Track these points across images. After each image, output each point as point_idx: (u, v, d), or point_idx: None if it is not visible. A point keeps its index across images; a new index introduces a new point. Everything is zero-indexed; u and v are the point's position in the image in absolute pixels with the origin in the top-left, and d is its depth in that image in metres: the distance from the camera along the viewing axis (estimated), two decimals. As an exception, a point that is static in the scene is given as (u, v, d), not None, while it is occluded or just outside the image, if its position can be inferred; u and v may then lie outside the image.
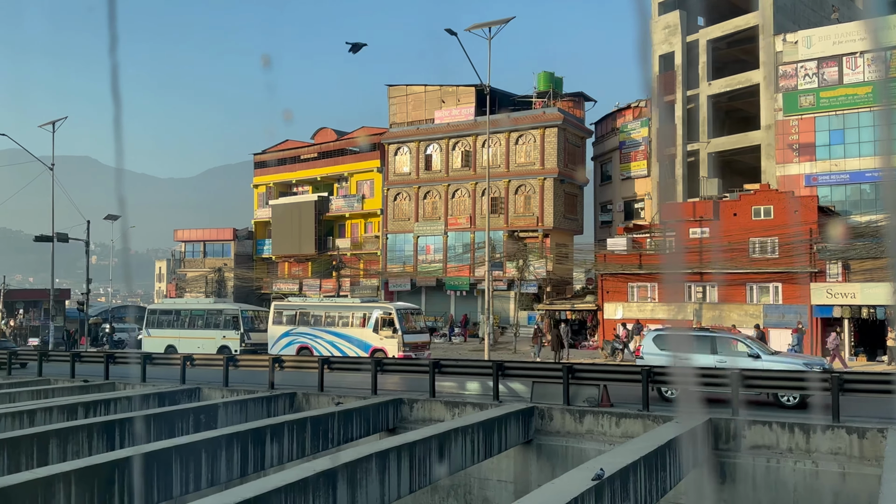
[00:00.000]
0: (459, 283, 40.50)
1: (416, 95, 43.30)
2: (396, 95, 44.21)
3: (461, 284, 40.42)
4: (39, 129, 37.08)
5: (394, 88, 44.40)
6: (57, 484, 9.41)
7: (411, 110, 43.50)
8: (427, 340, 25.34)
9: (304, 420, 14.01)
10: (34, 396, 19.38)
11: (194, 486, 11.62)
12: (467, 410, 15.83)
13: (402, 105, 43.89)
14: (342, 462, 9.76)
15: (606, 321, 30.68)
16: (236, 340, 27.14)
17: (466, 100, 41.52)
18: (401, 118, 44.14)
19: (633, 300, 30.59)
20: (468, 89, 41.68)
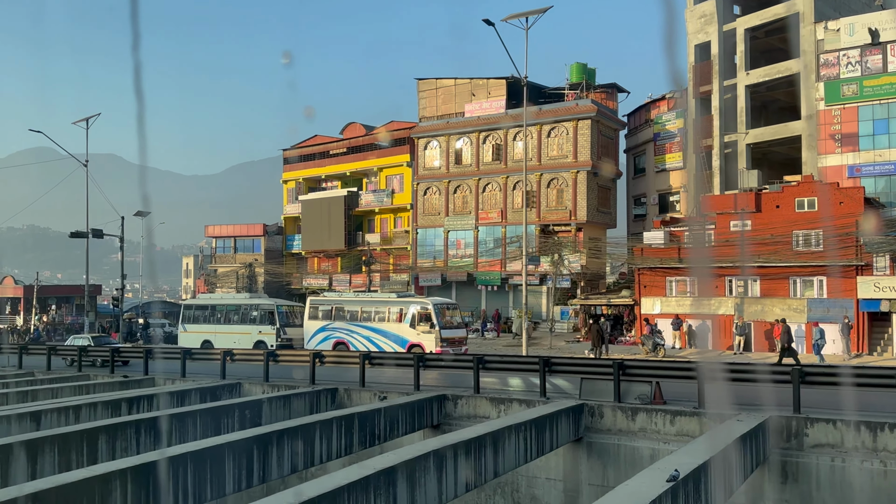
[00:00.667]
0: (490, 277, 40.13)
1: (446, 89, 42.93)
2: (426, 89, 43.90)
3: (492, 279, 40.04)
4: (64, 127, 37.46)
5: (423, 82, 44.08)
6: (113, 481, 9.30)
7: (441, 104, 43.16)
8: (464, 336, 25.07)
9: (352, 416, 13.82)
10: (76, 392, 19.44)
11: (246, 482, 11.48)
12: (514, 407, 15.52)
13: (431, 99, 43.56)
14: (402, 460, 9.51)
15: (643, 316, 30.11)
16: (272, 335, 27.11)
17: (497, 92, 41.05)
18: (430, 112, 43.83)
19: (672, 295, 29.99)
20: (499, 82, 41.20)
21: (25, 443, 11.36)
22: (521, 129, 39.86)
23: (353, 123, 49.05)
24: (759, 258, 27.33)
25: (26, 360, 26.09)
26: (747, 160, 36.15)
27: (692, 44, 38.83)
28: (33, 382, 21.75)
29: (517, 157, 39.98)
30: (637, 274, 30.55)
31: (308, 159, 50.52)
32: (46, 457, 11.66)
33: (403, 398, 15.70)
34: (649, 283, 30.24)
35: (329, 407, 17.74)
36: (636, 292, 30.63)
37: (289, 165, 51.54)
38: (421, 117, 44.28)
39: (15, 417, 14.41)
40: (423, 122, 43.95)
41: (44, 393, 18.90)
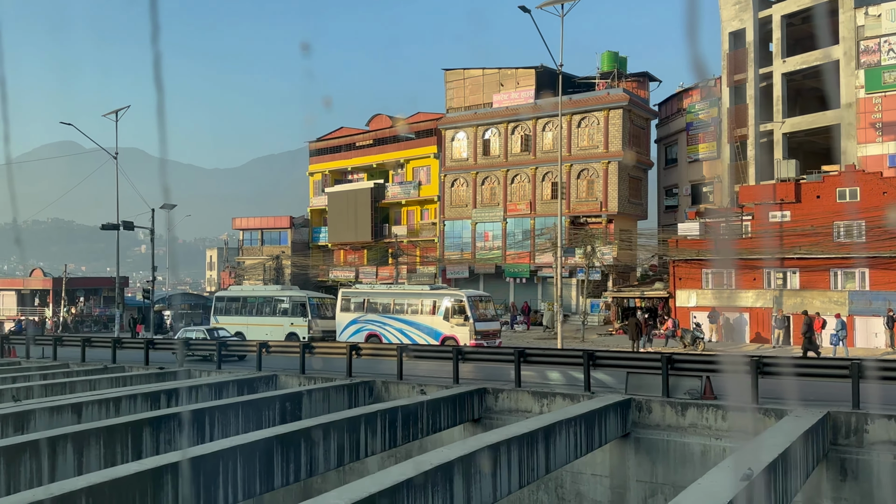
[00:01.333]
0: (519, 270, 39.74)
1: (474, 79, 42.47)
2: (453, 80, 43.47)
3: (521, 271, 39.65)
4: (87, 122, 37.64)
5: (450, 73, 43.66)
6: (165, 475, 9.16)
7: (468, 94, 42.72)
8: (498, 328, 24.76)
9: (395, 410, 13.61)
10: (114, 384, 19.47)
11: (294, 476, 11.32)
12: (557, 401, 15.21)
13: (458, 89, 43.14)
14: (458, 455, 9.26)
15: (678, 309, 29.58)
16: (304, 328, 27.02)
17: (526, 82, 40.50)
18: (458, 103, 43.42)
19: (708, 287, 29.41)
20: (527, 72, 40.65)
21: (72, 435, 11.29)
22: (550, 119, 39.38)
23: (378, 115, 48.81)
24: (800, 249, 26.66)
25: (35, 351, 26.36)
26: (783, 150, 35.33)
27: (726, 31, 37.99)
28: (70, 374, 21.85)
29: (546, 148, 39.48)
30: (672, 266, 30.00)
31: (334, 151, 50.40)
32: (92, 449, 11.58)
33: (444, 391, 15.47)
34: (684, 275, 29.68)
35: (367, 400, 17.58)
36: (671, 285, 30.08)
37: (315, 158, 51.46)
38: (448, 108, 43.89)
39: (58, 409, 14.40)
40: (450, 113, 43.56)
41: (82, 385, 18.92)
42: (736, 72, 37.37)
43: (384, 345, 20.89)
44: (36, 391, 17.95)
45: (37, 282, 73.09)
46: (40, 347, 27.24)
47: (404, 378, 17.65)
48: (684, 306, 29.59)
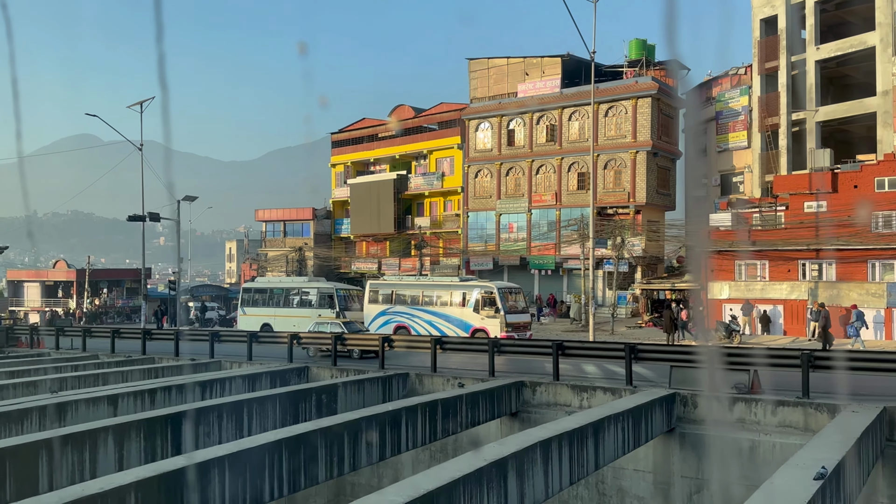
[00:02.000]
0: (544, 261, 39.32)
1: (498, 68, 41.95)
2: (477, 69, 42.98)
3: (546, 263, 39.23)
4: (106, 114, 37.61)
5: (474, 62, 43.16)
6: (212, 470, 9.00)
7: (493, 84, 42.21)
8: (529, 320, 24.43)
9: (435, 403, 13.37)
10: (146, 375, 19.41)
11: (338, 470, 11.13)
12: (598, 395, 14.90)
13: (483, 79, 42.64)
14: (511, 451, 8.98)
15: (710, 301, 29.05)
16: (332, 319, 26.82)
17: (551, 71, 39.93)
18: (482, 93, 42.93)
19: (741, 279, 28.85)
20: (553, 60, 40.07)
21: (112, 428, 11.15)
22: (576, 108, 38.83)
23: (401, 106, 48.46)
24: (838, 240, 26.03)
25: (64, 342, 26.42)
26: (816, 139, 34.54)
27: (757, 18, 37.19)
28: (101, 365, 21.87)
29: (572, 138, 38.93)
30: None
31: (356, 143, 50.15)
32: (133, 442, 11.46)
33: (481, 385, 15.20)
34: (717, 266, 29.14)
35: (401, 392, 17.38)
36: (703, 277, 29.49)
37: (336, 149, 51.26)
38: (472, 98, 43.43)
39: (94, 401, 14.32)
40: (474, 104, 43.10)
41: (114, 376, 18.88)
42: (767, 59, 36.58)
43: (417, 337, 20.66)
44: (70, 382, 17.95)
45: (60, 273, 73.86)
46: (68, 339, 27.36)
47: (438, 371, 17.42)
48: (716, 298, 29.06)
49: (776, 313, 28.42)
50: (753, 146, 36.69)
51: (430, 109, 46.40)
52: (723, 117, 38.14)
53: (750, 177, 36.80)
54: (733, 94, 37.72)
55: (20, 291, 76.65)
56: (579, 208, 37.86)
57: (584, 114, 38.51)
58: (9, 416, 12.53)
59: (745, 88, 37.29)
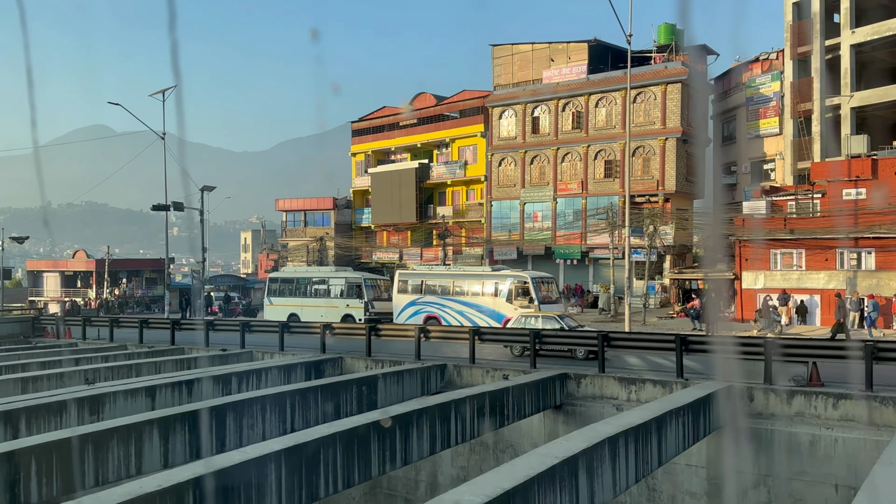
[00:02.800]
0: (570, 251, 38.75)
1: (523, 55, 41.23)
2: (501, 56, 42.28)
3: (572, 252, 38.66)
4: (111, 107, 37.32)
5: (498, 48, 42.47)
6: (268, 464, 8.70)
7: (517, 70, 41.52)
8: (563, 311, 23.93)
9: (483, 395, 13.00)
10: (179, 366, 19.15)
11: (390, 464, 10.81)
12: (647, 389, 14.45)
13: (507, 66, 41.96)
14: (581, 448, 8.57)
15: (745, 291, 28.45)
16: (360, 309, 26.54)
17: (578, 57, 39.19)
18: (506, 80, 42.26)
19: (776, 268, 28.19)
20: (579, 46, 39.32)
21: (157, 421, 10.87)
22: (603, 94, 38.12)
23: (422, 94, 47.88)
24: (879, 228, 25.31)
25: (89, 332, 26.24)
26: (851, 125, 33.67)
27: (789, 2, 36.26)
28: (131, 356, 21.66)
29: (599, 125, 38.23)
30: (738, 246, 28.81)
31: (376, 131, 49.65)
32: (178, 435, 11.18)
33: (525, 377, 14.80)
34: (751, 255, 28.50)
35: (439, 384, 17.03)
36: (736, 266, 28.92)
37: (356, 138, 50.79)
38: (495, 85, 42.78)
39: (132, 393, 14.06)
40: (497, 91, 42.45)
41: (147, 367, 18.64)
42: (799, 44, 35.68)
43: (455, 327, 20.26)
44: (103, 373, 17.72)
45: (80, 263, 74.13)
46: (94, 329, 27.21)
47: (477, 362, 17.04)
48: (751, 288, 28.44)
49: (812, 303, 27.78)
50: (785, 133, 35.87)
51: (453, 97, 45.80)
52: (753, 103, 37.31)
53: (782, 164, 35.99)
54: (764, 80, 36.86)
55: (39, 282, 77.04)
56: (606, 197, 37.25)
57: (611, 100, 37.81)
58: (48, 407, 12.28)
59: (776, 74, 36.42)
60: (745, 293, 28.46)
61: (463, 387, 17.10)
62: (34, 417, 12.14)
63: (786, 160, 35.52)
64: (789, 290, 27.16)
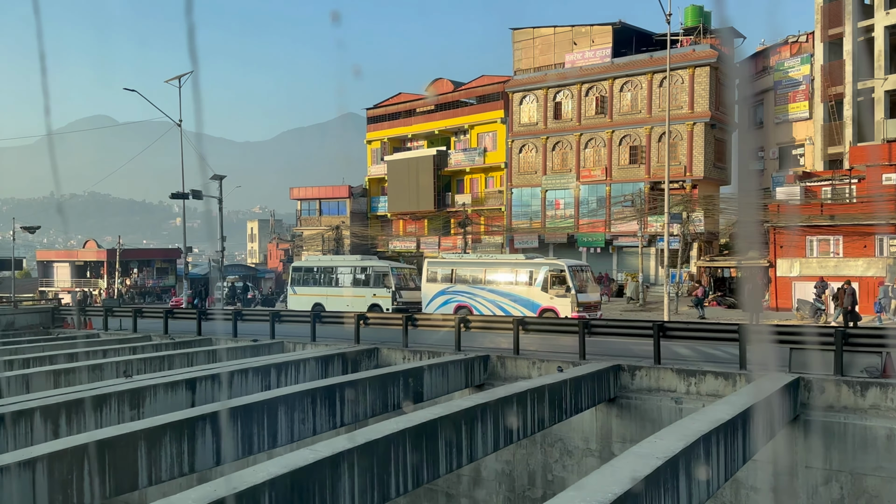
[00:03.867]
0: (593, 239, 38.08)
1: (544, 38, 40.37)
2: (522, 39, 41.40)
3: (595, 241, 38.00)
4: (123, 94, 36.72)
5: (518, 32, 41.59)
6: (342, 463, 8.14)
7: (538, 55, 40.66)
8: (599, 300, 23.36)
9: (542, 388, 12.41)
10: (210, 357, 18.61)
11: (457, 462, 10.26)
12: (707, 381, 13.84)
13: (528, 50, 41.10)
14: (681, 448, 7.97)
15: (779, 279, 27.78)
16: (387, 299, 25.96)
17: (601, 40, 38.34)
18: (527, 64, 41.41)
19: (812, 255, 27.50)
20: (603, 29, 38.45)
21: (210, 416, 10.31)
22: (628, 79, 37.33)
23: (439, 79, 47.06)
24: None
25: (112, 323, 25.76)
26: (885, 109, 32.86)
27: (821, -18, 35.34)
28: (159, 347, 21.16)
29: (624, 110, 37.45)
30: (772, 233, 28.11)
31: (392, 118, 48.88)
32: (229, 430, 10.63)
33: (580, 369, 14.20)
34: (786, 242, 27.80)
35: (482, 376, 16.49)
36: (770, 253, 28.23)
37: (372, 125, 50.05)
38: (516, 70, 41.94)
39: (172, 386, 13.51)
40: (518, 76, 41.63)
41: (179, 358, 18.10)
42: (830, 26, 34.80)
43: (498, 317, 19.65)
44: (135, 365, 17.20)
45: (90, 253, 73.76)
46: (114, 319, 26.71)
47: (522, 353, 16.46)
48: (786, 276, 27.77)
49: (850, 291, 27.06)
50: (815, 117, 35.06)
51: (471, 83, 44.97)
52: (781, 87, 36.48)
53: (811, 149, 35.20)
54: (793, 63, 36.01)
55: (50, 272, 76.70)
56: (631, 183, 36.54)
57: (636, 84, 36.99)
58: (88, 402, 11.74)
59: (806, 57, 35.56)
60: (780, 281, 27.78)
61: (507, 379, 16.57)
62: (74, 412, 11.60)
63: (816, 145, 34.73)
64: (826, 278, 26.48)
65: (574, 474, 15.13)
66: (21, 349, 20.46)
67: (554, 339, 18.51)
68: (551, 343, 18.43)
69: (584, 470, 14.91)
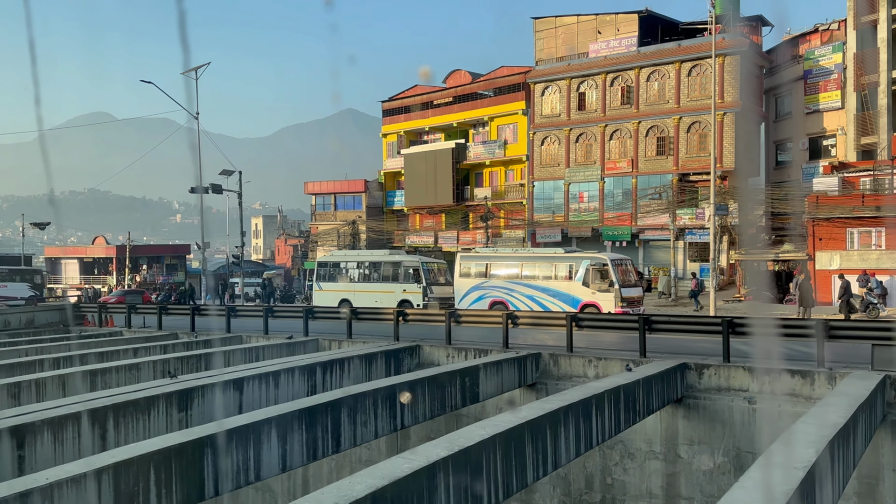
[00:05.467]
0: (619, 232, 37.33)
1: (567, 27, 39.53)
2: (543, 29, 40.55)
3: (621, 234, 37.24)
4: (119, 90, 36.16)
5: (540, 21, 40.74)
6: (438, 473, 7.49)
7: (561, 44, 39.82)
8: (641, 295, 22.63)
9: (618, 390, 11.71)
10: (249, 356, 17.95)
11: (542, 470, 9.59)
12: (784, 379, 13.12)
13: (549, 39, 40.25)
14: (811, 460, 7.27)
15: (819, 272, 27.03)
16: (418, 294, 25.26)
17: (627, 28, 37.50)
18: (548, 54, 40.58)
19: (853, 248, 26.75)
20: (629, 17, 37.60)
21: (276, 419, 9.65)
22: (655, 68, 36.53)
23: (457, 71, 46.26)
24: None
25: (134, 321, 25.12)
26: (921, 97, 32.07)
27: (852, -33, 34.49)
28: (190, 346, 20.52)
29: (651, 100, 36.64)
30: (811, 225, 27.36)
31: (408, 111, 48.07)
32: (295, 435, 10.00)
33: (644, 368, 13.52)
34: (825, 235, 27.05)
35: (535, 374, 15.81)
36: (809, 246, 27.49)
37: (387, 118, 49.25)
38: (537, 60, 41.10)
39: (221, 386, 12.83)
40: (539, 66, 40.80)
41: (216, 357, 17.43)
42: (863, 13, 33.95)
43: (549, 314, 18.95)
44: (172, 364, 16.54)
45: (99, 250, 73.21)
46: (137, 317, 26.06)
47: (575, 351, 15.75)
48: (825, 269, 27.02)
49: (892, 284, 26.35)
50: (848, 107, 34.26)
51: (490, 74, 44.15)
52: (812, 76, 35.66)
53: (843, 139, 34.41)
54: (824, 52, 35.19)
55: (58, 268, 76.14)
56: (658, 175, 35.80)
57: (664, 73, 36.17)
58: (135, 405, 11.05)
59: (837, 45, 34.73)
60: (820, 274, 27.04)
61: (561, 378, 15.93)
62: (122, 416, 10.94)
63: (848, 135, 33.94)
64: (870, 271, 25.75)
65: (636, 478, 14.47)
66: (47, 348, 19.79)
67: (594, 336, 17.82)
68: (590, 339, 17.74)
69: (647, 473, 14.25)
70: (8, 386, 13.08)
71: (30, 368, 16.09)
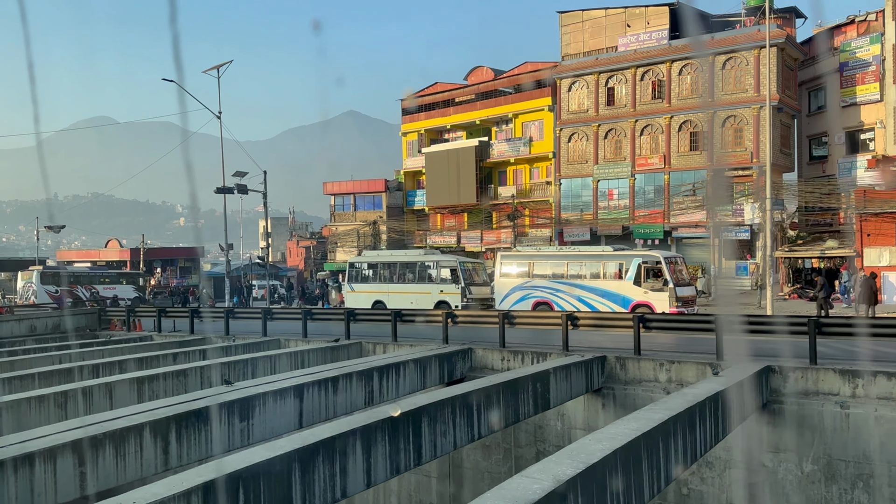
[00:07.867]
0: (651, 230, 36.47)
1: (595, 21, 38.70)
2: (570, 23, 39.74)
3: (653, 232, 36.37)
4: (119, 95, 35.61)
5: (566, 15, 39.92)
6: (569, 495, 6.71)
7: (588, 38, 39.00)
8: (695, 294, 21.78)
9: (716, 397, 10.93)
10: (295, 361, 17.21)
11: (657, 486, 8.80)
12: (879, 381, 12.31)
13: (577, 34, 39.43)
14: None
15: (867, 269, 26.13)
16: (457, 295, 24.46)
17: (657, 22, 36.65)
18: (575, 49, 39.75)
19: (905, 244, 25.89)
20: (660, 9, 36.73)
21: (361, 430, 8.93)
22: (686, 61, 35.68)
23: (479, 67, 45.43)
24: None
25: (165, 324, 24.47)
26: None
27: (889, -45, 33.56)
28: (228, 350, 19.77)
29: (683, 94, 35.80)
30: (858, 221, 26.48)
31: (428, 109, 47.26)
32: (378, 447, 9.28)
33: (730, 373, 12.72)
34: (874, 230, 26.17)
35: (601, 379, 15.01)
36: (857, 242, 26.61)
37: (407, 117, 48.46)
38: (564, 55, 40.28)
39: (280, 394, 12.10)
40: (566, 61, 39.96)
41: (262, 361, 16.69)
42: (903, 2, 33.03)
43: (614, 314, 18.12)
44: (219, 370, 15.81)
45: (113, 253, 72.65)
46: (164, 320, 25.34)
47: (643, 353, 14.94)
48: (873, 265, 26.13)
49: (945, 281, 25.47)
50: (887, 99, 33.34)
51: (513, 70, 43.32)
52: (848, 68, 34.74)
53: (882, 133, 33.49)
54: (861, 43, 34.27)
55: (71, 272, 75.56)
56: (692, 171, 34.94)
57: (696, 66, 35.30)
58: (196, 415, 10.30)
59: (876, 36, 33.82)
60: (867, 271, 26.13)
61: (628, 383, 15.12)
62: (183, 428, 10.18)
63: (888, 128, 33.03)
64: (923, 268, 24.88)
65: (715, 488, 13.67)
66: (83, 354, 19.05)
67: (650, 338, 17.03)
68: (645, 341, 16.93)
69: (727, 484, 13.46)
70: (55, 395, 12.33)
71: (68, 376, 15.36)
